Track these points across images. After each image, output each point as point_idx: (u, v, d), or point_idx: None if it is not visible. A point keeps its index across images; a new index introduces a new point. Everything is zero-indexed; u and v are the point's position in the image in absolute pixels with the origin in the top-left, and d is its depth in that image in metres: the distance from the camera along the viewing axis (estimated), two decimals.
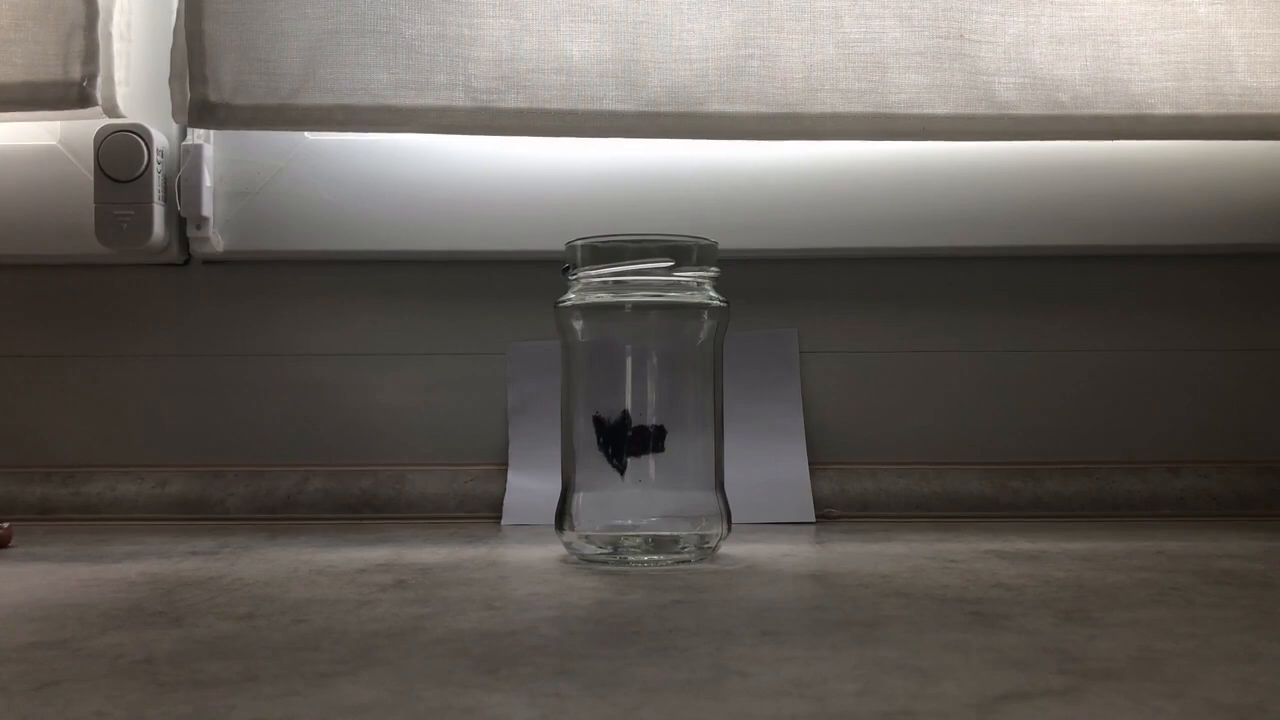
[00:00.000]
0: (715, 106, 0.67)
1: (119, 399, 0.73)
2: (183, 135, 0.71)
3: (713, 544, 0.49)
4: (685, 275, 0.49)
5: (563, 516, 0.49)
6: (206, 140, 0.71)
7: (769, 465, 0.68)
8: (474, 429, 0.72)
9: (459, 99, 0.66)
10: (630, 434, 0.48)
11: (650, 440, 0.48)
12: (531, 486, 0.68)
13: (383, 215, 0.71)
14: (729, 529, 0.50)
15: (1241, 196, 0.71)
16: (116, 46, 0.68)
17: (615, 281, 0.49)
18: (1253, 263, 0.73)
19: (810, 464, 0.69)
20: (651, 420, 0.48)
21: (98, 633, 0.33)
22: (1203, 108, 0.67)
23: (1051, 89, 0.67)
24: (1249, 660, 0.29)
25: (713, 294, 0.50)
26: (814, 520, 0.66)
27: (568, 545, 0.50)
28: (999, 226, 0.71)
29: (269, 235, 0.71)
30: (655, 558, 0.48)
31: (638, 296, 0.49)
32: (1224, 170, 0.71)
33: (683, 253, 0.49)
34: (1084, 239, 0.72)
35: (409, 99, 0.66)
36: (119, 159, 0.68)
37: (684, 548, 0.48)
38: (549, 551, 0.52)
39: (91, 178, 0.69)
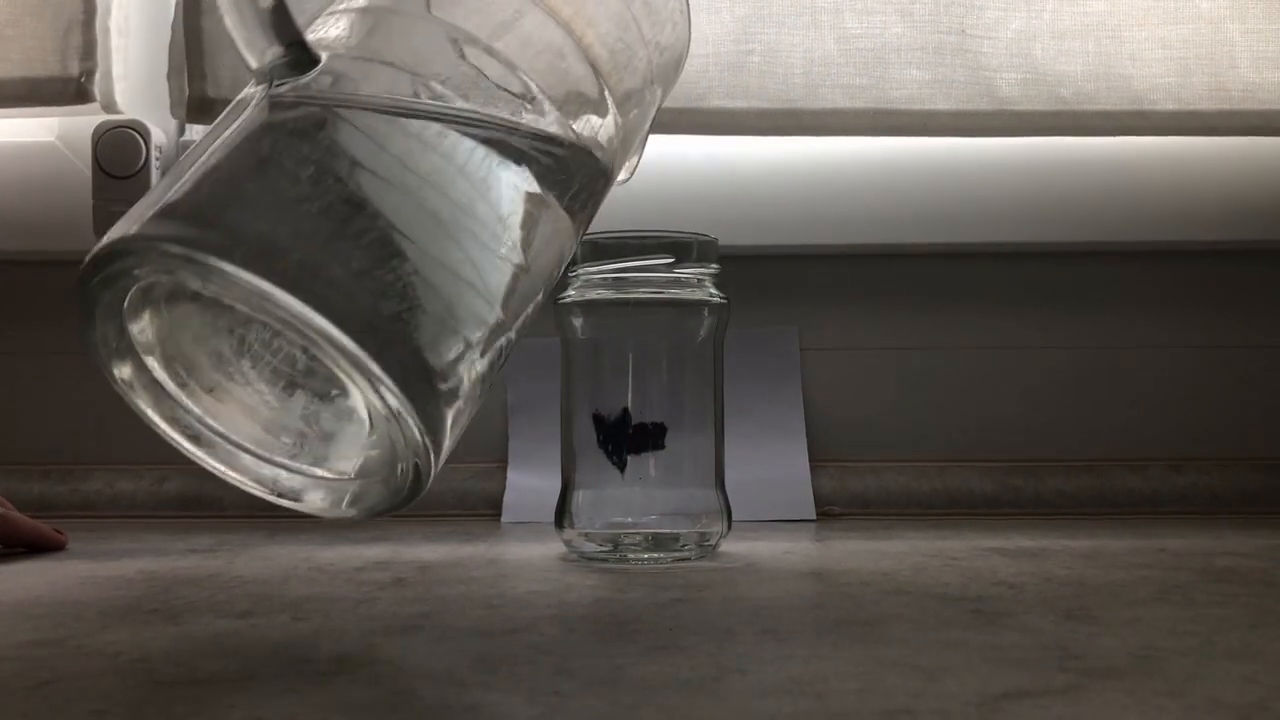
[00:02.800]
0: (716, 102, 0.67)
1: (117, 396, 0.73)
2: (181, 131, 0.71)
3: (713, 542, 0.49)
4: (686, 272, 0.49)
5: (563, 514, 0.49)
6: None
7: (769, 462, 0.68)
8: (473, 426, 0.72)
9: None
10: (630, 431, 0.48)
11: (650, 438, 0.48)
12: (531, 484, 0.68)
13: None
14: (729, 527, 0.50)
15: (1244, 192, 0.71)
16: (115, 42, 0.68)
17: (615, 278, 0.49)
18: (1256, 259, 0.73)
19: (811, 461, 0.69)
20: (651, 418, 0.48)
21: (95, 630, 0.33)
22: (1205, 103, 0.67)
23: (1053, 85, 0.67)
24: (1251, 658, 0.29)
25: (713, 291, 0.50)
26: (815, 518, 0.66)
27: (568, 543, 0.50)
28: (1000, 223, 0.71)
29: None
30: (655, 555, 0.48)
31: (638, 293, 0.48)
32: (1226, 166, 0.71)
33: (683, 249, 0.49)
34: (1085, 235, 0.71)
35: None
36: (117, 155, 0.68)
37: (684, 545, 0.48)
38: (548, 549, 0.52)
39: (89, 174, 0.69)
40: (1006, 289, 0.73)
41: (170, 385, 0.35)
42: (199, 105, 0.67)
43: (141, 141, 0.68)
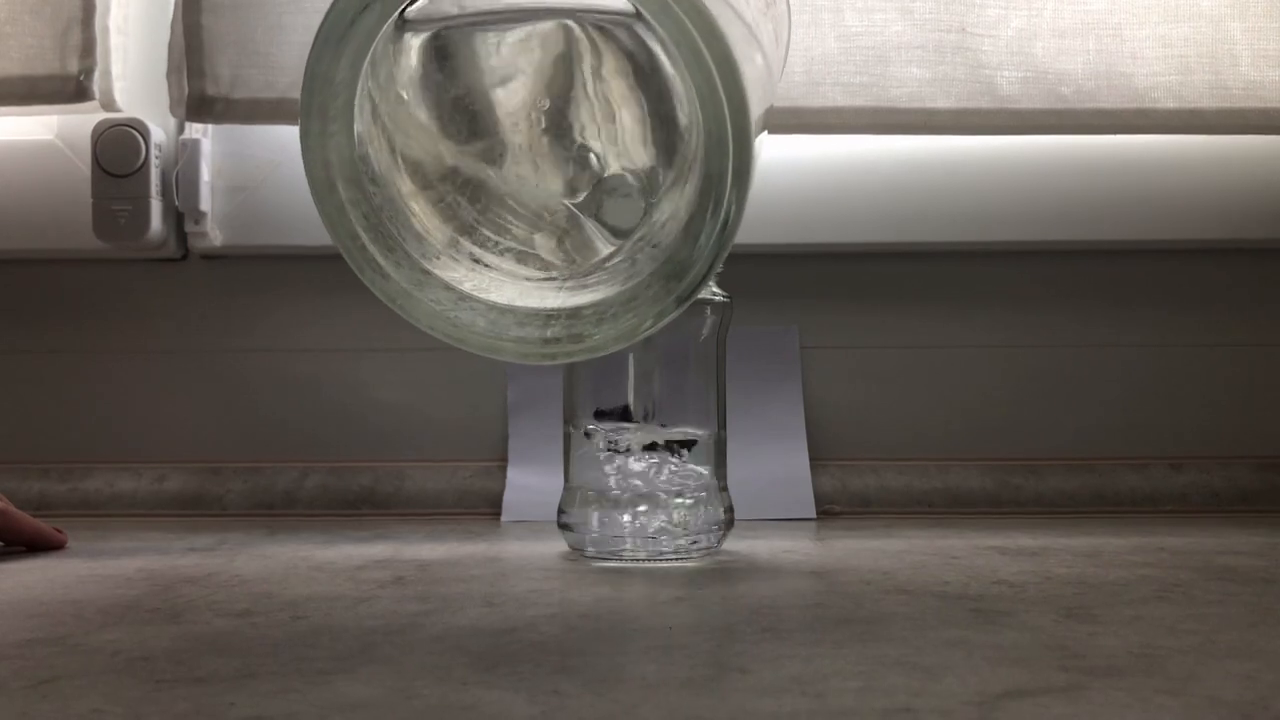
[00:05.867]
0: None
1: (117, 394, 0.73)
2: (180, 129, 0.71)
3: (714, 540, 0.49)
4: None
5: (564, 512, 0.49)
6: (204, 134, 0.71)
7: (770, 461, 0.68)
8: (473, 425, 0.72)
9: None
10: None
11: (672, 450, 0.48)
12: (531, 483, 0.68)
13: None
14: (731, 525, 0.50)
15: (1245, 191, 0.71)
16: (114, 40, 0.68)
17: None
18: (1256, 257, 0.73)
19: (811, 460, 0.69)
20: (657, 418, 0.48)
21: (95, 629, 0.33)
22: (1205, 102, 0.67)
23: (1054, 83, 0.67)
24: (1251, 657, 0.29)
25: (715, 289, 0.50)
26: (815, 516, 0.66)
27: (568, 538, 0.50)
28: (1000, 222, 0.71)
29: (267, 230, 0.71)
30: (657, 553, 0.48)
31: None
32: (1227, 164, 0.71)
33: None
34: (1086, 234, 0.71)
35: None
36: (116, 153, 0.68)
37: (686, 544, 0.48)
38: (549, 548, 0.52)
39: (89, 172, 0.69)
40: (1007, 287, 0.73)
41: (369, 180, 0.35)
42: (198, 104, 0.66)
43: (141, 140, 0.68)
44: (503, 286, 0.37)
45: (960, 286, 0.73)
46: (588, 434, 0.48)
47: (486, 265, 0.38)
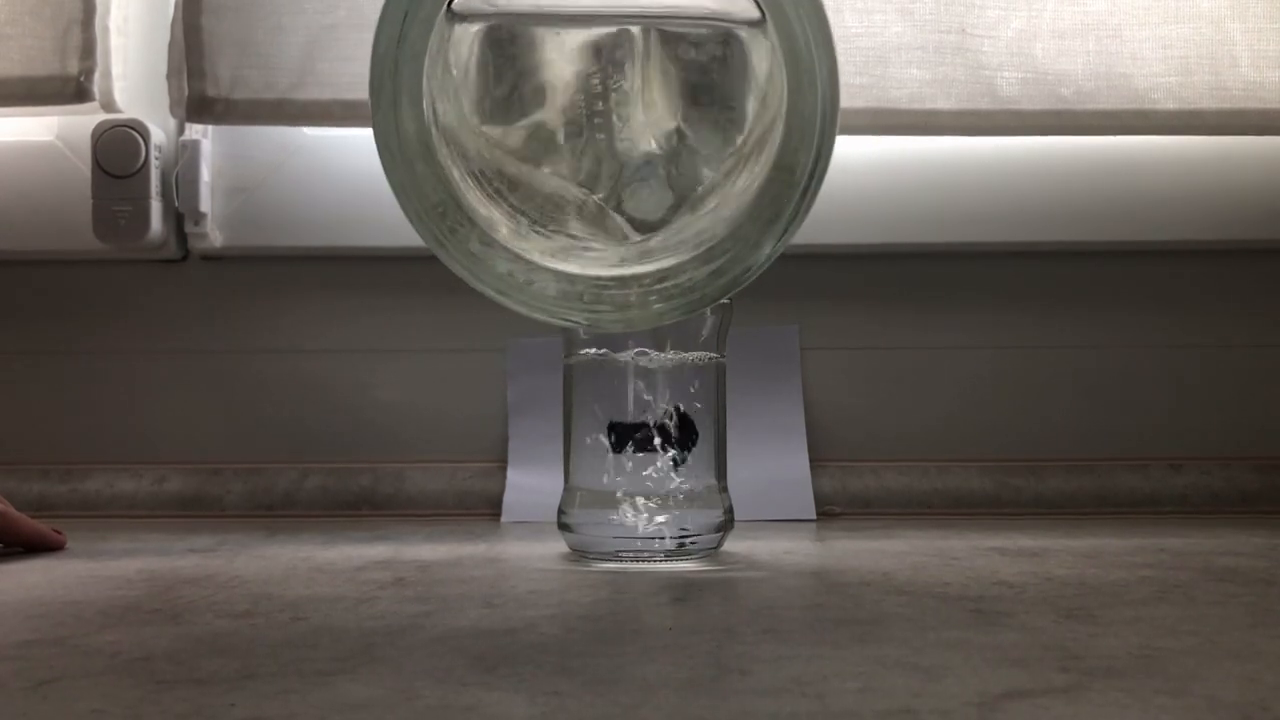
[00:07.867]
0: None
1: (116, 395, 0.73)
2: (180, 130, 0.71)
3: (714, 542, 0.49)
4: None
5: (564, 513, 0.49)
6: (204, 135, 0.71)
7: (770, 462, 0.68)
8: (473, 425, 0.72)
9: None
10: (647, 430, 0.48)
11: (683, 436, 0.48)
12: (531, 483, 0.68)
13: (381, 210, 0.71)
14: (731, 526, 0.50)
15: (1245, 191, 0.71)
16: (114, 41, 0.68)
17: None
18: (1256, 258, 0.73)
19: (811, 461, 0.69)
20: (655, 419, 0.48)
21: (95, 630, 0.33)
22: (1206, 103, 0.67)
23: (1054, 84, 0.67)
24: (1251, 658, 0.29)
25: None
26: (815, 517, 0.66)
27: (569, 542, 0.50)
28: (999, 222, 0.71)
29: (267, 231, 0.71)
30: (657, 554, 0.48)
31: None
32: (1227, 165, 0.71)
33: None
34: (1085, 235, 0.71)
35: None
36: (116, 154, 0.68)
37: (686, 545, 0.48)
38: (549, 549, 0.52)
39: (89, 173, 0.69)
40: (1007, 289, 0.73)
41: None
42: (199, 105, 0.66)
43: (141, 141, 0.68)
44: (569, 256, 0.39)
45: (960, 286, 0.73)
46: (588, 354, 0.48)
47: (548, 238, 0.39)
